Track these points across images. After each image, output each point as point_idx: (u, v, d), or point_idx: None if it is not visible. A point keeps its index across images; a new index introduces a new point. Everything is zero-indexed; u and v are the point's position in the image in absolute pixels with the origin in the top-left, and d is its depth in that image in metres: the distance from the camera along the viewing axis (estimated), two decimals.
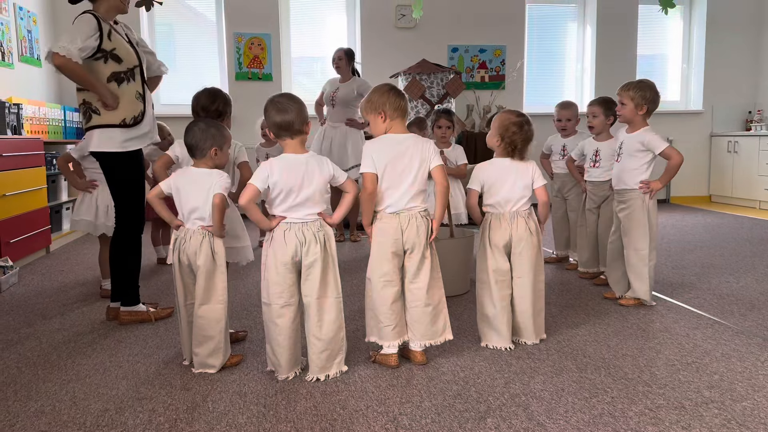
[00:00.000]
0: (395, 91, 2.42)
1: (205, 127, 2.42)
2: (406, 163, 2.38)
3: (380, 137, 2.44)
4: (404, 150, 2.38)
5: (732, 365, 2.40)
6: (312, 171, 2.26)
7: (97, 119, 2.88)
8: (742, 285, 3.62)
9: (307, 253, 2.24)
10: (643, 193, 3.10)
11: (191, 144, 2.42)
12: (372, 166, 2.36)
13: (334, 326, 2.30)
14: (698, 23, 7.67)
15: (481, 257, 2.67)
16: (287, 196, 2.24)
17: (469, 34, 7.10)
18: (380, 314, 2.40)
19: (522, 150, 2.63)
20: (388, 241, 2.38)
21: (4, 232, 4.02)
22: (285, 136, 2.28)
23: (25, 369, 2.47)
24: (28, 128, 4.78)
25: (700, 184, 7.83)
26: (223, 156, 2.46)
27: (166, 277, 3.97)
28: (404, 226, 2.37)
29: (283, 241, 2.25)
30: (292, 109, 2.25)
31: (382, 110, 2.40)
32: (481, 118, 6.93)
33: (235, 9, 6.60)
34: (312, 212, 2.26)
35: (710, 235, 5.36)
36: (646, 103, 3.10)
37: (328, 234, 2.30)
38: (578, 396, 2.14)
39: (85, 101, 2.88)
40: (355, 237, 5.26)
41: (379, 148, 2.39)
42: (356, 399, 2.14)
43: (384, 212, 2.40)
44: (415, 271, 2.41)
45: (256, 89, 6.64)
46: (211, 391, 2.22)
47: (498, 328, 2.60)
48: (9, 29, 5.13)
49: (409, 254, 2.41)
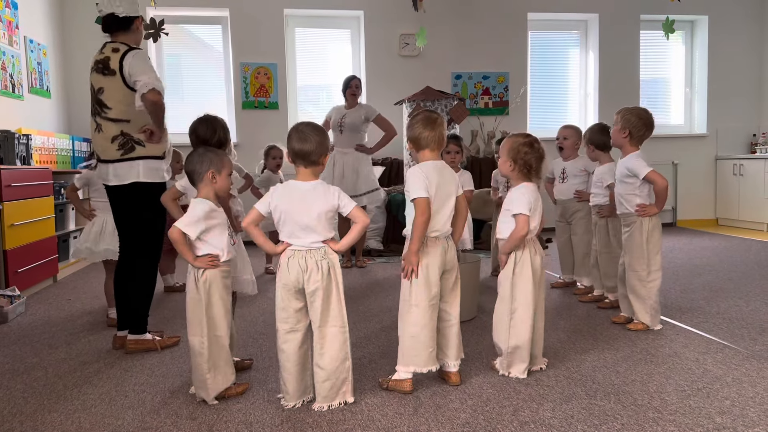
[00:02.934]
0: (429, 121, 2.46)
1: (204, 152, 2.42)
2: (448, 188, 2.44)
3: (425, 163, 2.46)
4: (447, 177, 2.45)
5: (743, 390, 2.36)
6: (313, 199, 2.25)
7: (143, 151, 2.91)
8: (751, 308, 3.59)
9: (308, 281, 2.23)
10: (638, 215, 3.13)
11: (189, 171, 2.42)
12: (425, 191, 2.37)
13: (337, 356, 2.27)
14: (700, 47, 7.73)
15: (520, 287, 2.56)
16: (287, 222, 2.25)
17: (472, 61, 7.18)
18: (428, 338, 2.40)
19: (538, 170, 2.60)
20: (437, 265, 2.41)
21: (12, 261, 4.04)
22: (300, 164, 2.30)
23: (31, 399, 2.46)
24: (37, 158, 4.83)
25: (706, 207, 7.81)
26: (222, 181, 2.42)
27: (172, 305, 3.97)
28: (446, 249, 2.44)
29: (286, 267, 2.25)
30: (313, 140, 2.25)
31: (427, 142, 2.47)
32: (485, 144, 6.96)
33: (242, 39, 6.71)
34: (316, 239, 2.25)
35: (718, 258, 5.33)
36: (629, 127, 3.14)
37: (332, 262, 2.27)
38: (588, 423, 2.11)
39: (123, 132, 2.89)
40: (362, 263, 5.25)
41: (429, 174, 2.40)
42: (363, 428, 2.12)
43: (431, 237, 2.42)
44: (450, 290, 2.49)
45: (263, 118, 6.72)
46: (216, 421, 2.20)
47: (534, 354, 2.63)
48: (20, 61, 5.22)
49: (447, 275, 2.47)
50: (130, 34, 2.97)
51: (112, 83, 2.87)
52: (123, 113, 2.88)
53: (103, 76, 2.89)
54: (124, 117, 2.89)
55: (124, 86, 2.86)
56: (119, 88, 2.87)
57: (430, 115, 2.47)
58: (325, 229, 2.26)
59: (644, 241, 3.14)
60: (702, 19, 7.65)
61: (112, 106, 2.89)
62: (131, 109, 2.87)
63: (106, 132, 2.91)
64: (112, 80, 2.87)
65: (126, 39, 2.95)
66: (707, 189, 7.79)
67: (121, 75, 2.85)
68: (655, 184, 3.09)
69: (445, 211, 2.43)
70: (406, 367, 2.42)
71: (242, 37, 6.70)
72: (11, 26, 5.09)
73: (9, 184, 4.03)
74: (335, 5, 6.88)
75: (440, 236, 2.43)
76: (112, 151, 2.91)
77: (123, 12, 2.92)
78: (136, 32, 3.00)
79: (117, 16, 2.92)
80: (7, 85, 4.98)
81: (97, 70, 2.91)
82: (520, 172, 2.59)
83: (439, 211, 2.41)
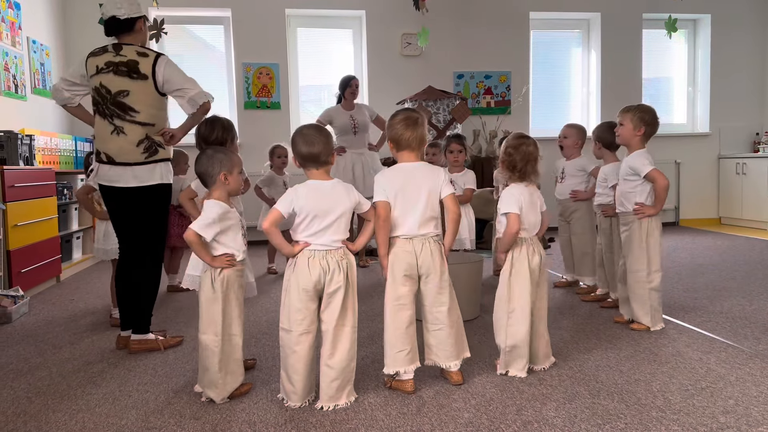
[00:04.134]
0: (410, 121, 2.44)
1: (213, 153, 2.42)
2: (416, 190, 2.40)
3: (394, 167, 2.48)
4: (415, 179, 2.42)
5: (747, 389, 2.36)
6: (339, 196, 2.28)
7: (163, 153, 2.97)
8: (755, 308, 3.58)
9: (330, 281, 2.24)
10: (635, 213, 3.12)
11: (200, 172, 2.43)
12: (382, 194, 2.39)
13: (347, 356, 2.29)
14: (702, 46, 7.72)
15: (516, 285, 2.56)
16: (312, 222, 2.25)
17: (474, 61, 7.17)
18: (396, 339, 2.39)
19: (524, 170, 2.59)
20: (402, 265, 2.39)
21: (16, 261, 4.05)
22: (311, 167, 2.31)
23: (35, 399, 2.47)
24: (40, 159, 4.84)
25: (709, 206, 7.80)
26: (234, 181, 2.43)
27: (175, 305, 3.97)
28: (418, 250, 2.39)
29: (306, 268, 2.24)
30: (319, 141, 2.27)
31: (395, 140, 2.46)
32: (487, 143, 6.96)
33: (244, 40, 6.71)
34: (336, 239, 2.27)
35: (721, 257, 5.32)
36: (644, 125, 3.13)
37: (350, 262, 2.30)
38: (591, 422, 2.11)
39: (148, 136, 2.92)
40: (364, 262, 5.26)
41: (390, 178, 2.42)
42: (366, 427, 2.12)
43: (398, 238, 2.42)
44: (435, 295, 2.44)
45: (265, 118, 6.72)
46: (220, 421, 2.20)
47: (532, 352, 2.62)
48: (22, 62, 5.23)
49: (425, 279, 2.42)
50: (135, 35, 2.97)
51: (142, 87, 2.87)
52: (151, 117, 2.91)
53: (131, 80, 2.85)
54: (151, 121, 2.92)
55: (155, 91, 2.89)
56: (150, 93, 2.89)
57: (411, 114, 2.46)
58: (345, 228, 2.29)
59: (643, 240, 3.12)
60: (704, 18, 7.63)
61: (140, 109, 2.88)
62: (160, 113, 2.95)
63: (131, 135, 2.89)
64: (142, 84, 2.87)
65: (132, 40, 2.95)
66: (710, 188, 7.77)
67: (153, 80, 2.87)
68: (655, 182, 3.08)
69: (414, 213, 2.39)
70: (387, 367, 2.43)
71: (244, 38, 6.71)
72: (14, 27, 5.10)
73: (12, 184, 4.04)
74: (337, 5, 6.88)
75: (412, 237, 2.40)
76: (136, 154, 2.90)
77: (124, 14, 2.92)
78: (140, 33, 2.99)
79: (119, 19, 2.92)
80: (10, 86, 4.99)
81: (116, 72, 2.85)
82: (511, 172, 2.62)
83: (407, 213, 2.40)
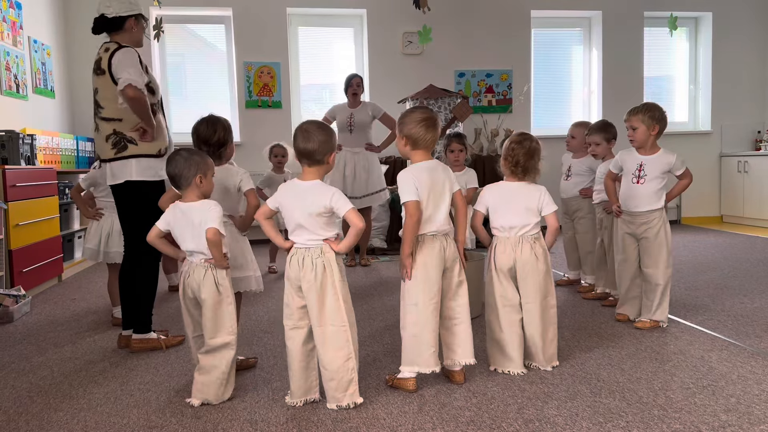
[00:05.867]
0: (430, 122, 2.43)
1: (188, 155, 2.40)
2: (441, 187, 2.42)
3: (414, 165, 2.45)
4: (438, 176, 2.43)
5: (749, 388, 2.36)
6: (309, 198, 2.23)
7: (135, 149, 2.91)
8: (757, 306, 3.58)
9: (303, 279, 2.24)
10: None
11: (174, 174, 2.40)
12: (414, 194, 2.36)
13: (338, 355, 2.24)
14: (704, 44, 7.70)
15: (488, 281, 2.67)
16: (289, 220, 2.28)
17: (475, 59, 7.17)
18: (430, 338, 2.38)
19: (526, 166, 2.61)
20: (437, 262, 2.39)
21: (18, 261, 4.06)
22: (305, 163, 2.30)
23: (37, 398, 2.47)
24: (42, 158, 4.85)
25: (711, 204, 7.79)
26: (208, 183, 2.42)
27: (176, 305, 3.96)
28: (445, 246, 2.42)
29: (289, 264, 2.28)
30: (316, 139, 2.24)
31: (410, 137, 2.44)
32: (488, 142, 6.95)
33: (245, 38, 6.71)
34: (311, 238, 2.25)
35: (723, 255, 5.32)
36: (657, 123, 3.12)
37: (327, 260, 2.24)
38: (593, 421, 2.11)
39: (116, 131, 2.89)
40: (366, 261, 5.26)
41: (419, 177, 2.39)
42: (368, 426, 2.12)
43: (427, 235, 2.41)
44: (455, 288, 2.46)
45: (266, 117, 6.72)
46: (222, 420, 2.20)
47: (509, 354, 2.58)
48: (24, 62, 5.24)
49: (449, 273, 2.44)
50: (124, 33, 2.96)
51: (104, 82, 2.89)
52: (115, 112, 2.89)
53: (97, 76, 2.92)
54: (116, 116, 2.89)
55: (113, 85, 2.85)
56: (109, 87, 2.88)
57: (431, 115, 2.45)
58: (321, 229, 2.24)
59: (665, 234, 3.14)
60: (706, 16, 7.62)
61: (104, 105, 2.91)
62: (122, 107, 2.87)
63: (102, 131, 2.93)
64: (103, 80, 2.89)
65: (120, 39, 2.95)
66: (712, 186, 7.76)
67: (110, 74, 2.86)
68: (685, 179, 3.20)
69: (441, 210, 2.42)
70: (409, 366, 2.41)
71: (245, 36, 6.70)
72: (15, 26, 5.10)
73: (14, 184, 4.05)
74: (338, 4, 6.88)
75: (438, 234, 2.42)
76: (107, 150, 2.93)
77: (112, 12, 2.92)
78: (130, 32, 2.98)
79: (106, 17, 2.93)
80: (12, 86, 4.99)
81: (94, 71, 2.94)
82: (509, 169, 2.66)
83: (435, 211, 2.40)
